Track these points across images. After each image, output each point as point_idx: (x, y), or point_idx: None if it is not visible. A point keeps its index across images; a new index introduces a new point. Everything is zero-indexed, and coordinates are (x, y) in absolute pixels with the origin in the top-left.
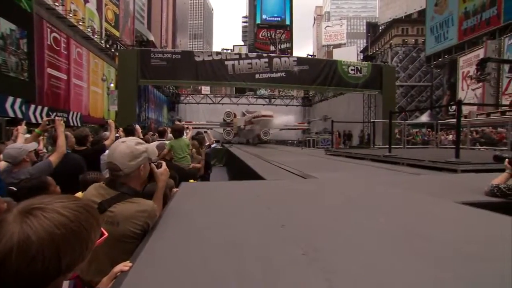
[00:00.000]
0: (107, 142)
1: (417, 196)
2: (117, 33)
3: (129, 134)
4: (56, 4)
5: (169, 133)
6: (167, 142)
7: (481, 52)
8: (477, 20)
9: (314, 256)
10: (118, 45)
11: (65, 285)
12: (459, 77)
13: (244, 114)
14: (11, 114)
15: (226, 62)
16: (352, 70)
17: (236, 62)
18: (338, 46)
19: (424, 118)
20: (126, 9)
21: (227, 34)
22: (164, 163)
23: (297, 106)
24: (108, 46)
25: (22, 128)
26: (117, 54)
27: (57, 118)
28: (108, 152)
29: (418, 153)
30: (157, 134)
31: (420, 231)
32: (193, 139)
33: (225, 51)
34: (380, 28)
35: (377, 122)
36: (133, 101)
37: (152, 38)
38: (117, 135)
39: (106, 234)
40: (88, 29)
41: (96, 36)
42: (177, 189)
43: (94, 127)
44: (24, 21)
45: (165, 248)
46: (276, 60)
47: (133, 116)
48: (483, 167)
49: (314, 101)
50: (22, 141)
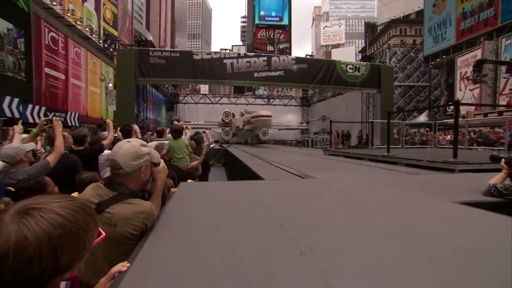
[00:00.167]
0: (105, 142)
1: (415, 196)
2: (116, 33)
3: (126, 134)
4: (54, 4)
5: (168, 133)
6: (166, 142)
7: (479, 53)
8: (475, 21)
9: (312, 256)
10: (117, 45)
11: (62, 286)
12: (457, 78)
13: (243, 114)
14: (9, 114)
15: (225, 61)
16: (351, 69)
17: (235, 61)
18: (337, 46)
19: (423, 118)
20: (125, 9)
21: (226, 34)
22: (163, 161)
23: (296, 106)
24: (107, 46)
25: (18, 128)
26: (116, 54)
27: (55, 118)
28: (112, 150)
29: (416, 153)
30: (156, 134)
31: (418, 231)
32: (192, 139)
33: (224, 51)
34: (379, 29)
35: (376, 122)
36: (132, 101)
37: (151, 38)
38: (115, 135)
39: (104, 234)
40: (86, 29)
41: (94, 36)
42: (176, 189)
43: (93, 127)
44: (22, 20)
45: (163, 249)
46: (275, 59)
47: (132, 116)
48: (481, 167)
49: (313, 101)
50: (19, 141)
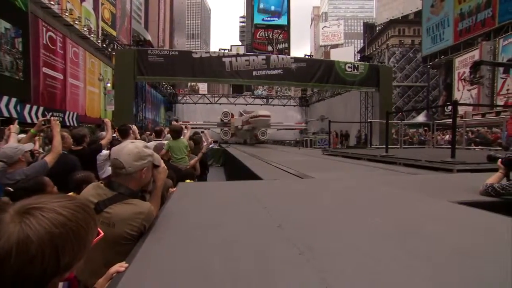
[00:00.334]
0: (104, 142)
1: (414, 196)
2: (114, 33)
3: (123, 134)
4: (52, 3)
5: (167, 134)
6: (166, 142)
7: (477, 53)
8: (473, 21)
9: (311, 256)
10: (115, 45)
11: (60, 287)
12: (455, 78)
13: (242, 114)
14: (6, 114)
15: (224, 59)
16: (349, 68)
17: (234, 59)
18: (336, 47)
19: (421, 118)
20: (123, 9)
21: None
22: (163, 162)
23: (295, 106)
24: (105, 46)
25: (15, 128)
26: (114, 54)
27: (53, 118)
28: (115, 150)
29: (415, 153)
30: (154, 134)
31: (417, 231)
32: (190, 139)
33: (223, 51)
34: (377, 29)
35: (374, 122)
36: (130, 101)
37: (149, 38)
38: (114, 135)
39: (102, 233)
40: (85, 29)
41: (93, 36)
42: (174, 189)
43: (91, 127)
44: (19, 20)
45: (162, 249)
46: (274, 58)
47: (130, 116)
48: (478, 167)
49: (312, 101)
50: (15, 141)
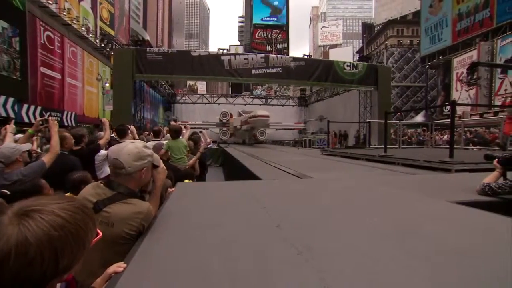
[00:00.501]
0: (102, 142)
1: (412, 196)
2: (112, 32)
3: (121, 134)
4: (50, 2)
5: (166, 133)
6: (165, 142)
7: (475, 54)
8: (471, 22)
9: (309, 256)
10: (113, 44)
11: (58, 287)
12: (453, 78)
13: (240, 114)
14: (3, 114)
15: (223, 57)
16: (348, 66)
17: (233, 57)
18: (334, 47)
19: (419, 118)
20: (122, 8)
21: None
22: (162, 163)
23: (293, 106)
24: (103, 45)
25: (11, 127)
26: (112, 53)
27: (51, 118)
28: (115, 150)
29: (413, 153)
30: (152, 134)
31: (415, 231)
32: (189, 139)
33: (222, 51)
34: (376, 29)
35: (373, 122)
36: (129, 101)
37: (148, 38)
38: (112, 135)
39: (101, 234)
40: (83, 28)
41: (91, 35)
42: (173, 189)
43: (89, 127)
44: (17, 19)
45: (160, 249)
46: (273, 56)
47: (129, 116)
48: (477, 167)
49: (310, 101)
50: (11, 141)
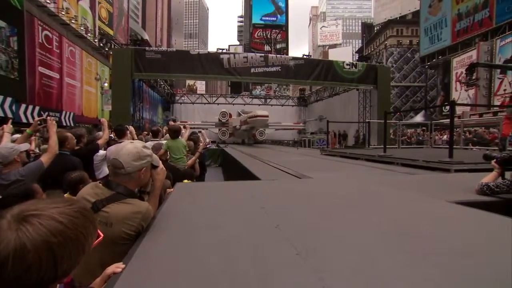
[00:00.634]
0: (101, 142)
1: (411, 196)
2: (111, 32)
3: (119, 134)
4: (48, 2)
5: (166, 133)
6: (164, 142)
7: (474, 54)
8: (470, 22)
9: (308, 256)
10: (112, 44)
11: None
12: (453, 78)
13: (240, 114)
14: (1, 114)
15: (222, 56)
16: (348, 65)
17: (232, 56)
18: (334, 47)
19: (419, 118)
20: (120, 8)
21: (223, 34)
22: (161, 163)
23: (293, 106)
24: (102, 45)
25: (8, 127)
26: (111, 53)
27: (49, 118)
28: (114, 150)
29: (413, 153)
30: (151, 134)
31: (413, 230)
32: (189, 139)
33: (221, 51)
34: (375, 29)
35: (372, 122)
36: (128, 101)
37: (147, 37)
38: (111, 136)
39: (102, 236)
40: (81, 28)
41: (90, 35)
42: (172, 190)
43: (88, 127)
44: (15, 19)
45: (159, 249)
46: (272, 56)
47: (127, 116)
48: (476, 167)
49: (310, 101)
50: (8, 141)
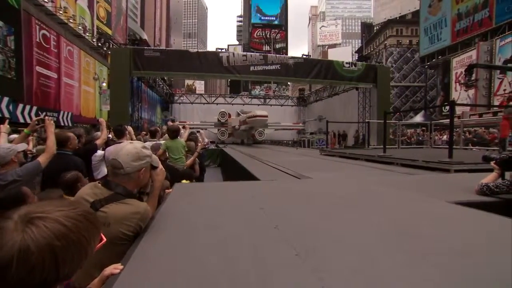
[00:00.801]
0: (99, 142)
1: (410, 196)
2: (110, 31)
3: (118, 135)
4: (45, 1)
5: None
6: (163, 142)
7: (474, 54)
8: (470, 22)
9: (308, 256)
10: (111, 44)
11: None
12: (453, 78)
13: (239, 114)
14: None
15: (221, 54)
16: (347, 64)
17: (231, 54)
18: (333, 46)
19: (419, 118)
20: (119, 7)
21: (222, 34)
22: (161, 164)
23: (292, 106)
24: (100, 45)
25: (5, 127)
26: (110, 53)
27: (47, 118)
28: (114, 150)
29: (412, 154)
30: (149, 134)
31: (413, 231)
32: (188, 139)
33: (220, 50)
34: (375, 29)
35: (372, 122)
36: (126, 101)
37: (146, 37)
38: (109, 136)
39: (105, 240)
40: (79, 27)
41: (88, 34)
42: (170, 190)
43: (86, 127)
44: (12, 18)
45: (157, 250)
46: (271, 55)
47: (126, 116)
48: (476, 167)
49: (309, 101)
50: (5, 141)
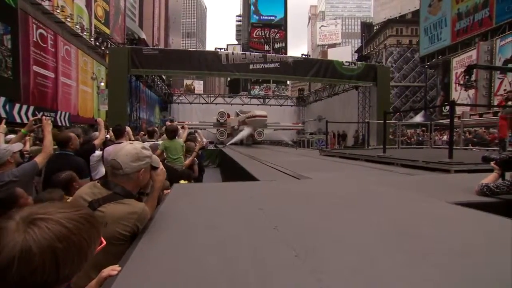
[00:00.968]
0: (97, 142)
1: (410, 197)
2: (108, 31)
3: (118, 135)
4: None
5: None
6: (161, 143)
7: (474, 54)
8: (470, 21)
9: (307, 258)
10: (109, 43)
11: None
12: (453, 78)
13: (238, 114)
14: None
15: (220, 52)
16: (347, 62)
17: (230, 53)
18: (333, 46)
19: (419, 119)
20: (117, 6)
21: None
22: (162, 164)
23: (292, 106)
24: (98, 44)
25: (2, 128)
26: (108, 52)
27: (45, 118)
28: (113, 150)
29: (412, 154)
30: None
31: (413, 231)
32: (187, 139)
33: (219, 50)
34: (375, 28)
35: (372, 123)
36: (124, 101)
37: (144, 37)
38: (107, 136)
39: (105, 243)
40: (77, 26)
41: (85, 33)
42: (168, 191)
43: (84, 127)
44: (8, 17)
45: (156, 251)
46: (271, 55)
47: (124, 116)
48: (476, 168)
49: (309, 101)
50: (2, 141)
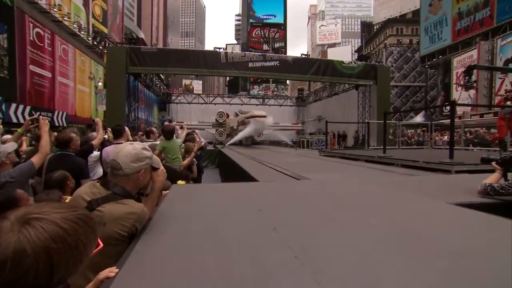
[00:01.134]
0: (95, 142)
1: (410, 197)
2: (105, 30)
3: (117, 135)
4: None
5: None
6: (158, 143)
7: (475, 53)
8: (471, 21)
9: (306, 259)
10: (107, 42)
11: None
12: (453, 78)
13: (237, 115)
14: None
15: (219, 51)
16: (347, 61)
17: (229, 51)
18: (333, 46)
19: (419, 119)
20: (115, 5)
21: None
22: (161, 164)
23: (291, 107)
24: (96, 43)
25: None
26: (106, 52)
27: (41, 117)
28: (113, 151)
29: (413, 154)
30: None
31: (413, 232)
32: (185, 140)
33: (218, 49)
34: (375, 28)
35: (372, 123)
36: (122, 101)
37: (142, 36)
38: (105, 136)
39: (102, 245)
40: (74, 25)
41: (83, 33)
42: (167, 191)
43: (81, 128)
44: (4, 15)
45: (154, 253)
46: (270, 54)
47: (122, 116)
48: (477, 168)
49: (308, 101)
50: None
